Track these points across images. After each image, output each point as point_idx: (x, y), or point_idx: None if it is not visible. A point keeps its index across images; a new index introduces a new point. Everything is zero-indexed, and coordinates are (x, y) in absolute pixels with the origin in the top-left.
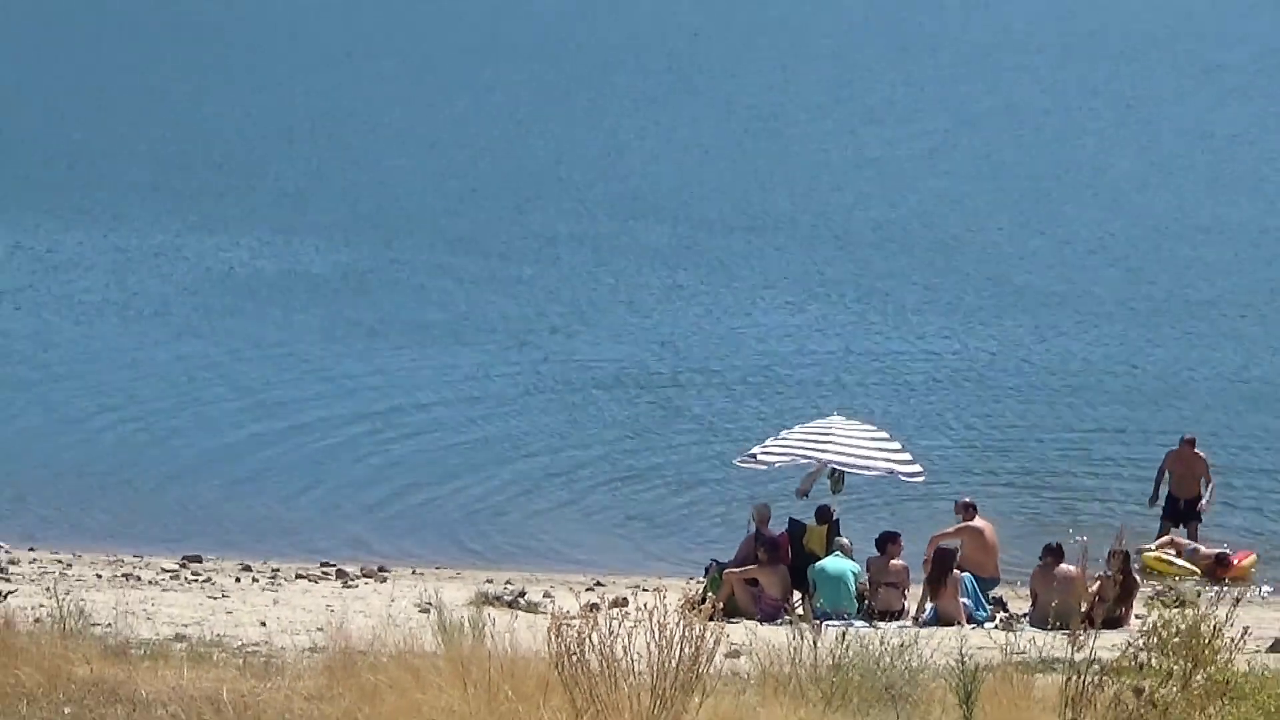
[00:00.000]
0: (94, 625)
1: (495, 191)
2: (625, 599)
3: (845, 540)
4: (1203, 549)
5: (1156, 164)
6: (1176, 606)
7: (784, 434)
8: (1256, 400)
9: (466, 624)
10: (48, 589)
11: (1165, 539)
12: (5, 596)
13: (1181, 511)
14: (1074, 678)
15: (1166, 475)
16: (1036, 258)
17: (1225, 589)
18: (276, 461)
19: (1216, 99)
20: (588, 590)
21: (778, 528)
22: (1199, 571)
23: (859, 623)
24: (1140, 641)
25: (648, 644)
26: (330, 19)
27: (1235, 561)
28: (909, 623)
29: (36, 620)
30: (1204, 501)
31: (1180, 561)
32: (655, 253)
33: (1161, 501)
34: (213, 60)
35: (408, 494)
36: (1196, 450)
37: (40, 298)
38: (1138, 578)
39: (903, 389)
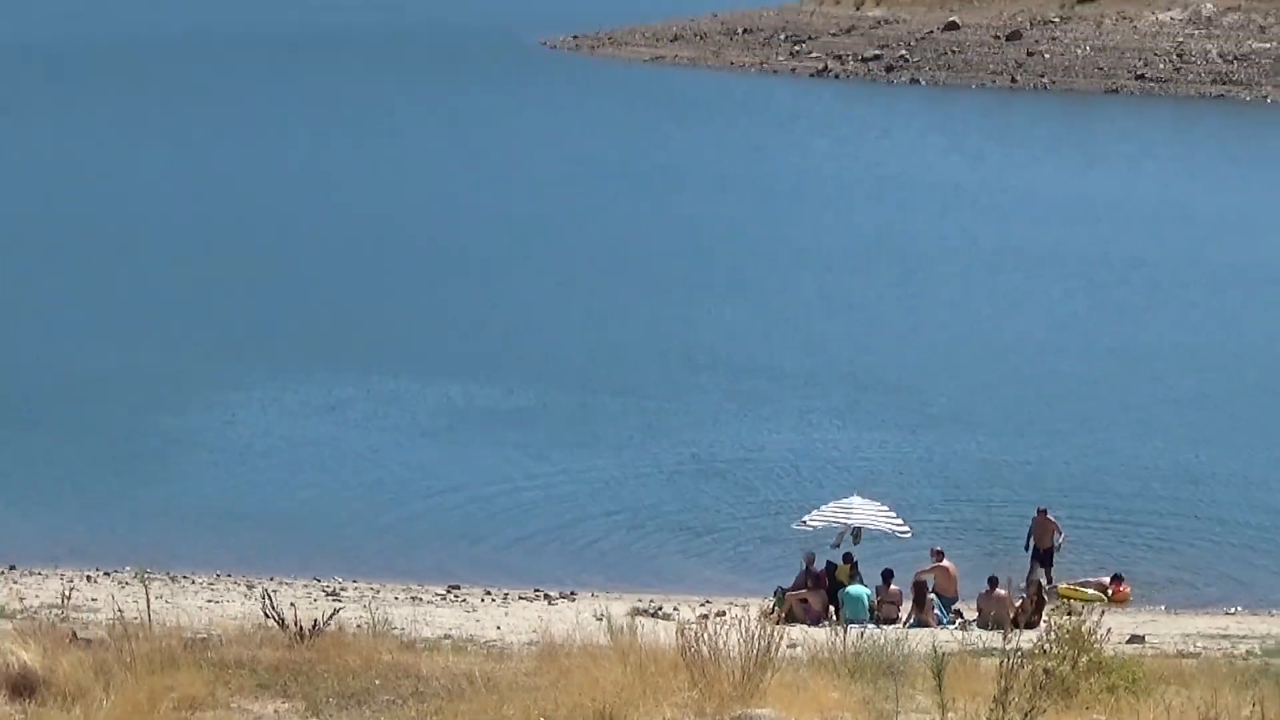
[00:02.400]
0: (393, 629)
1: (610, 355)
2: (724, 611)
3: (860, 574)
4: (1093, 580)
5: (1030, 328)
6: (1068, 615)
7: (822, 507)
8: (1098, 476)
9: (625, 627)
10: (365, 606)
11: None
12: (337, 612)
13: (1041, 556)
14: (1005, 660)
15: (1031, 532)
16: (952, 389)
17: (1106, 607)
18: (504, 525)
19: (1070, 291)
20: (700, 606)
21: (819, 566)
22: (1103, 596)
23: (871, 627)
24: (1046, 637)
25: (738, 639)
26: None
27: (1124, 585)
28: (901, 627)
29: (358, 626)
30: (1059, 542)
31: (1089, 591)
32: (710, 390)
33: (1030, 550)
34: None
35: (588, 546)
36: (1048, 516)
37: (328, 427)
38: (1045, 597)
39: (878, 477)
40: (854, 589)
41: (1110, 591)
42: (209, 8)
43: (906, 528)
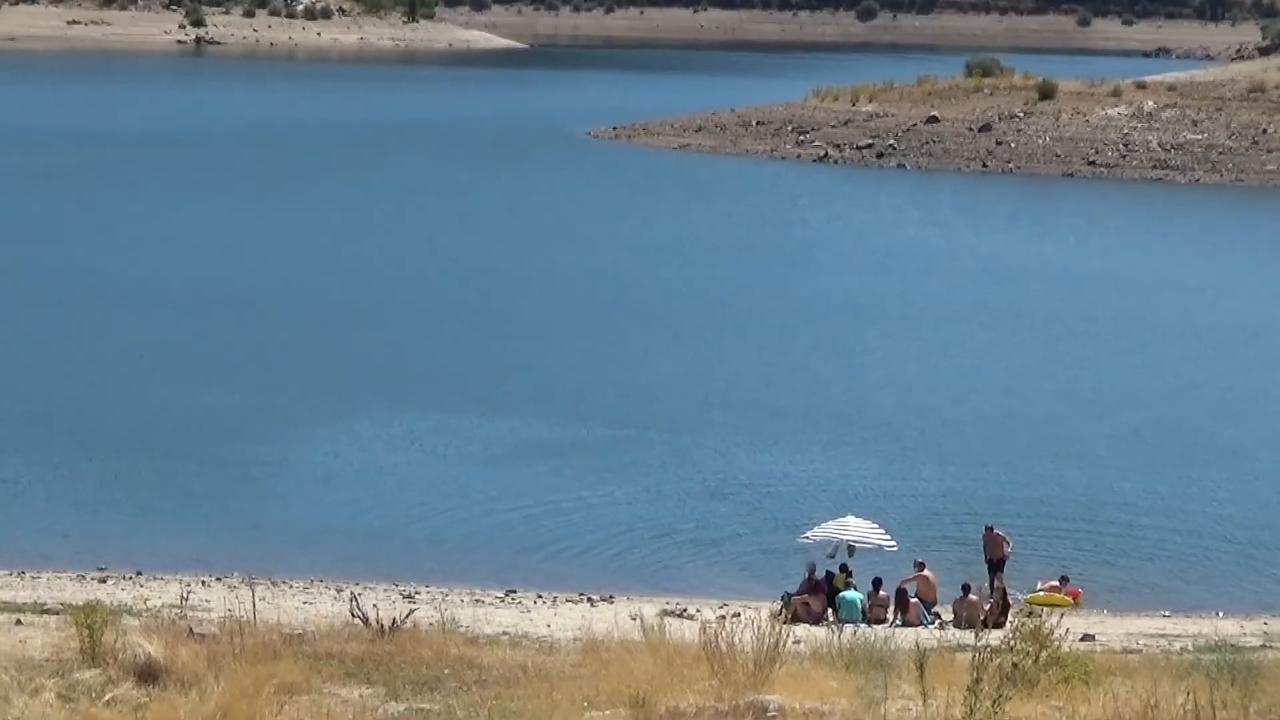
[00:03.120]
0: (459, 627)
1: (637, 396)
2: (739, 612)
3: (854, 581)
4: (1045, 585)
5: (992, 373)
6: (1029, 617)
7: (823, 524)
8: (1049, 499)
9: (656, 626)
10: (435, 608)
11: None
12: (412, 612)
13: (994, 565)
14: (977, 655)
15: (984, 546)
16: (926, 425)
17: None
18: (553, 539)
19: (1026, 343)
20: (719, 608)
21: (820, 574)
22: (1069, 601)
23: (863, 626)
24: (1011, 636)
25: (751, 636)
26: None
27: (1076, 591)
28: (889, 627)
29: (430, 624)
30: (1007, 555)
31: (1052, 596)
32: (722, 425)
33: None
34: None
35: (624, 557)
36: (996, 532)
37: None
38: (1010, 601)
39: (864, 499)
40: (849, 594)
41: (1064, 593)
42: (294, 105)
43: (893, 542)
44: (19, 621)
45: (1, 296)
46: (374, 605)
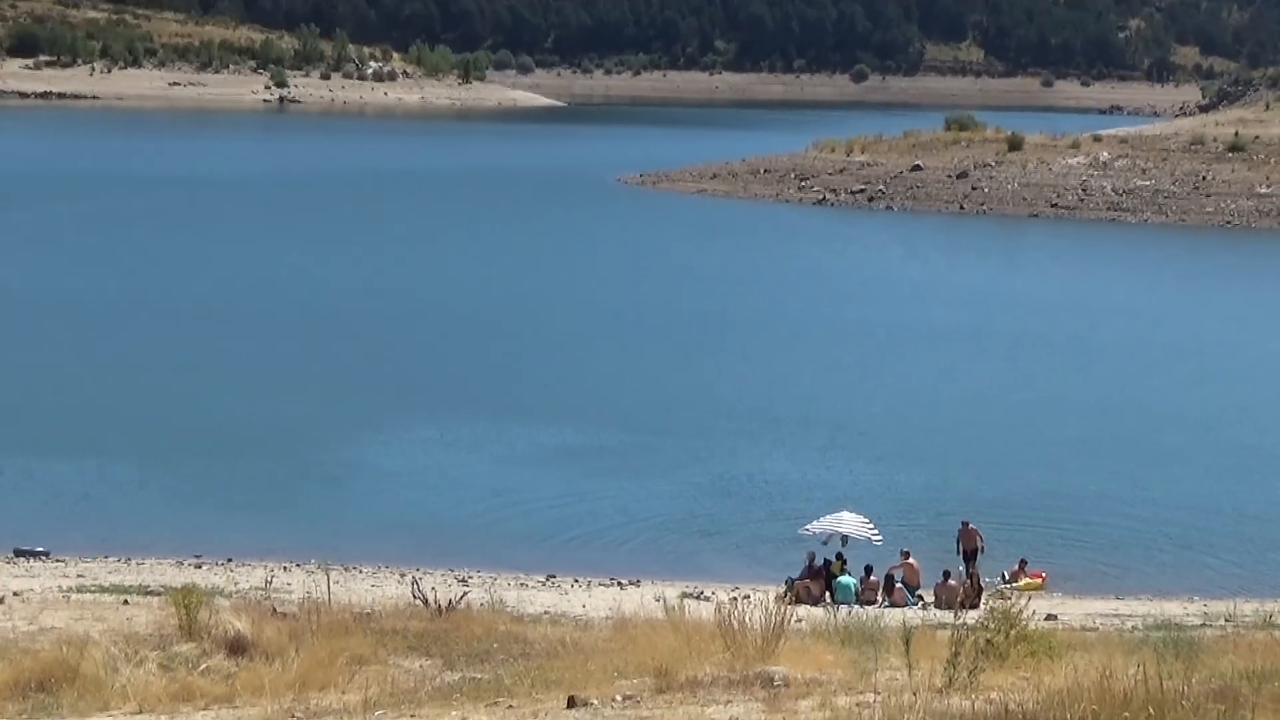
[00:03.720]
0: (506, 607)
1: (655, 406)
2: (749, 594)
3: (848, 568)
4: (1006, 571)
5: (963, 387)
6: (1001, 599)
7: (820, 518)
8: (1012, 496)
9: (677, 606)
10: (486, 590)
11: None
12: (466, 594)
13: (967, 555)
14: (955, 632)
15: (959, 538)
16: (907, 431)
17: (1026, 594)
18: (587, 529)
19: (993, 360)
20: (732, 590)
21: (819, 561)
22: (1035, 585)
23: (856, 607)
24: (985, 616)
25: (760, 615)
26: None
27: (1042, 575)
28: (879, 608)
29: (481, 604)
30: (980, 546)
31: (1025, 582)
32: (728, 431)
33: (960, 552)
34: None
35: (649, 546)
36: (970, 526)
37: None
38: (982, 586)
39: (853, 496)
40: (844, 579)
41: (1027, 573)
42: (363, 154)
43: (880, 534)
44: (126, 601)
45: (112, 320)
46: (433, 588)
